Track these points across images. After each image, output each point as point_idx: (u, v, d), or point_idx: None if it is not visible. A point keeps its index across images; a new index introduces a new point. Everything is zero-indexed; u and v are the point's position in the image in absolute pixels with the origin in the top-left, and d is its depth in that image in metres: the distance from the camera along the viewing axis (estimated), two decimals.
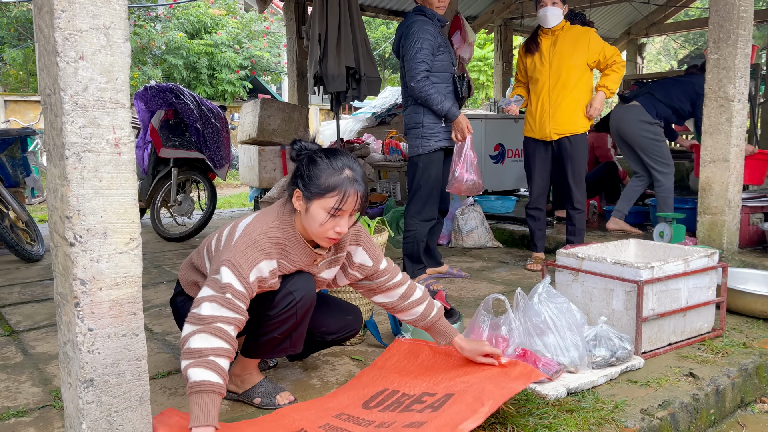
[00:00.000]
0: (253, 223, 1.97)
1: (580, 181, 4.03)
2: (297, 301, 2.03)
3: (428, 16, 3.62)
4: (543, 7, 3.89)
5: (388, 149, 6.63)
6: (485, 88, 18.91)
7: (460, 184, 3.62)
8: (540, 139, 4.05)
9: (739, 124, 3.92)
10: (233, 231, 2.00)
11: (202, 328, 1.75)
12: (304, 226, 1.99)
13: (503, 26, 8.78)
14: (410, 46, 3.55)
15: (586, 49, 3.89)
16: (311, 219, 1.94)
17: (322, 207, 1.92)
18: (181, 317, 2.22)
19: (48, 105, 1.57)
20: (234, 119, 10.61)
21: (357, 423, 1.94)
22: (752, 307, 3.05)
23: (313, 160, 1.97)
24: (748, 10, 3.84)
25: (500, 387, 1.91)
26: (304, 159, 2.00)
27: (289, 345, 2.15)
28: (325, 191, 1.92)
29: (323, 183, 1.92)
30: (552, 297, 2.39)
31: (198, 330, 1.75)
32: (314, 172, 1.94)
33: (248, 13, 14.92)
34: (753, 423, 2.45)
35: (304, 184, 1.95)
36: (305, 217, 1.96)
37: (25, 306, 3.51)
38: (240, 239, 1.91)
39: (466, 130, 3.55)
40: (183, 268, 2.28)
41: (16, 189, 5.16)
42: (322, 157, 1.97)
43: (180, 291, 2.29)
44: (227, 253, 1.88)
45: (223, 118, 5.46)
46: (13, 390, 2.36)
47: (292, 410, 2.09)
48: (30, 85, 12.99)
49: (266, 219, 1.99)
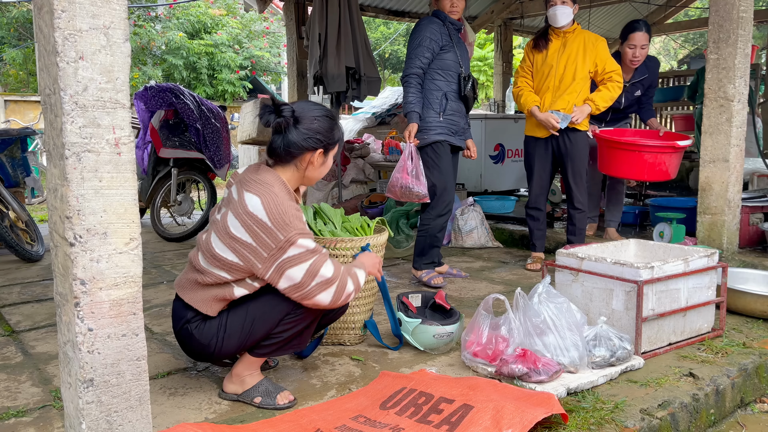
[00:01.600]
0: (271, 204, 2.00)
1: (580, 181, 4.02)
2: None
3: (441, 17, 3.74)
4: (553, 6, 3.85)
5: (388, 149, 6.62)
6: (485, 88, 18.92)
7: (395, 188, 3.63)
8: (540, 136, 4.02)
9: (739, 124, 3.92)
10: (252, 219, 2.00)
11: (342, 278, 2.07)
12: (307, 176, 2.19)
13: (503, 26, 8.77)
14: (412, 42, 3.73)
15: (594, 56, 3.88)
16: (324, 168, 2.22)
17: (332, 155, 2.23)
18: (198, 344, 2.11)
19: (48, 105, 1.57)
20: (234, 119, 10.61)
21: (372, 425, 1.95)
22: (752, 308, 3.05)
23: (318, 119, 2.15)
24: (748, 10, 3.84)
25: (520, 410, 1.89)
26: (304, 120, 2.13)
27: (298, 343, 2.19)
28: (337, 141, 2.22)
29: (336, 135, 2.21)
30: (552, 297, 2.39)
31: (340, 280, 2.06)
32: (326, 129, 2.17)
33: (248, 13, 14.91)
34: (753, 423, 2.45)
35: (324, 143, 2.16)
36: (319, 168, 2.19)
37: (25, 306, 3.51)
38: (275, 214, 1.98)
39: (407, 135, 3.62)
40: (188, 291, 2.14)
41: (16, 189, 5.15)
42: (320, 114, 2.17)
43: (189, 318, 2.12)
44: (284, 232, 1.97)
45: (223, 118, 5.46)
46: (13, 390, 2.36)
47: (311, 411, 2.10)
48: (30, 85, 13.00)
49: (272, 189, 2.05)
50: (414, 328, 2.59)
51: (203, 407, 2.18)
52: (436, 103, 3.67)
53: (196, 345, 2.13)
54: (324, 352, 2.69)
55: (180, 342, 2.19)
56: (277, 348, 2.16)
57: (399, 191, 3.63)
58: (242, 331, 2.09)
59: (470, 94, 3.76)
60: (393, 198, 3.78)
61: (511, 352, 2.29)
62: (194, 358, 2.24)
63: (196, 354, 2.18)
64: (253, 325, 2.10)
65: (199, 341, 2.10)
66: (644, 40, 4.27)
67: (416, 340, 2.62)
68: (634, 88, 4.49)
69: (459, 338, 2.61)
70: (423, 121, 3.66)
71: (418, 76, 3.65)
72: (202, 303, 2.10)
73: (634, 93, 4.51)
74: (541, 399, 2.01)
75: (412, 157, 3.60)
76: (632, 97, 4.54)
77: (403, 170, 3.59)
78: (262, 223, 1.99)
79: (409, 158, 3.60)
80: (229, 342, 2.10)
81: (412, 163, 3.60)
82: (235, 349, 2.13)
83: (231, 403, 2.21)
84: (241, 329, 2.09)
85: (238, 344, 2.12)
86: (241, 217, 2.02)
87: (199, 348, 2.13)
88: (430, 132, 3.67)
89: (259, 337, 2.12)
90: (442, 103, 3.68)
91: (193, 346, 2.14)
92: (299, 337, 2.18)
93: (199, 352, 2.15)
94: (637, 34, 4.25)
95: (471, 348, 2.41)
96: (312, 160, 2.16)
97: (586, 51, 3.87)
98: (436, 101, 3.67)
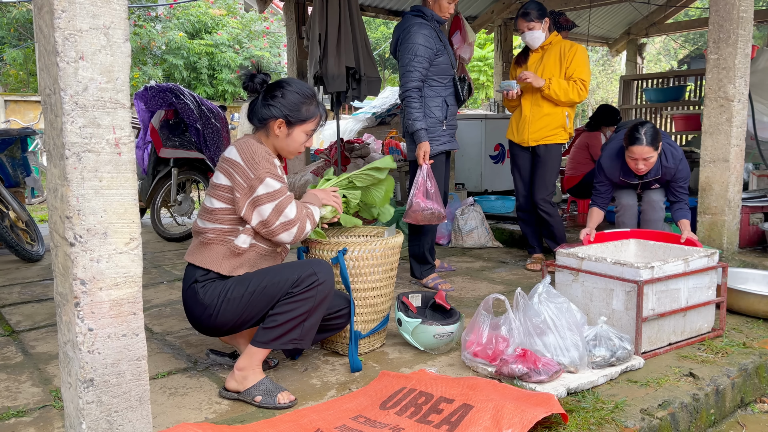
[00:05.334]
0: (243, 145, 2.25)
1: (546, 185, 4.05)
2: (320, 282, 2.19)
3: (426, 17, 3.57)
4: (523, 34, 3.99)
5: (388, 149, 6.63)
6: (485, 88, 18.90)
7: (417, 213, 3.40)
8: (517, 142, 4.15)
9: (739, 124, 3.92)
10: (230, 163, 2.23)
11: (302, 220, 2.26)
12: (277, 147, 2.34)
13: (503, 26, 8.77)
14: (406, 51, 3.51)
15: (567, 64, 3.94)
16: (292, 141, 2.33)
17: (303, 131, 2.34)
18: (200, 305, 2.21)
19: (48, 105, 1.57)
20: (234, 119, 10.61)
21: (372, 425, 1.95)
22: (756, 308, 3.05)
23: (288, 93, 2.29)
24: (748, 10, 3.84)
25: (520, 410, 1.89)
26: (274, 90, 2.30)
27: (300, 336, 2.20)
28: (307, 118, 2.32)
29: (304, 112, 2.31)
30: (552, 297, 2.39)
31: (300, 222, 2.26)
32: (293, 103, 2.29)
33: (248, 13, 14.91)
34: (753, 423, 2.45)
35: (286, 115, 2.28)
36: (285, 140, 2.32)
37: (25, 306, 3.51)
38: (247, 155, 2.21)
39: (422, 157, 3.44)
40: (195, 255, 2.28)
41: (16, 189, 5.15)
42: (293, 90, 2.30)
43: (198, 278, 2.24)
44: (254, 169, 2.19)
45: (223, 118, 5.46)
46: (13, 390, 2.36)
47: (310, 411, 2.10)
48: (30, 85, 12.98)
49: (252, 142, 2.27)
50: (414, 328, 2.58)
51: (203, 407, 2.18)
52: (438, 110, 3.59)
53: (198, 307, 2.23)
54: (324, 352, 2.69)
55: (185, 307, 2.31)
56: (279, 336, 2.16)
57: (421, 216, 3.40)
58: (241, 300, 2.18)
59: (467, 95, 3.75)
60: (413, 223, 3.50)
61: (511, 352, 2.29)
62: (196, 328, 2.32)
63: (196, 319, 2.27)
64: (252, 296, 2.18)
65: (201, 302, 2.21)
66: (646, 153, 3.38)
67: (416, 340, 2.62)
68: (646, 185, 3.79)
69: (459, 338, 2.61)
70: (426, 131, 3.53)
71: (419, 89, 3.50)
72: (211, 261, 2.25)
73: (651, 187, 3.79)
74: (541, 399, 2.00)
75: (427, 178, 3.42)
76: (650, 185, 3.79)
77: (424, 194, 3.39)
78: (235, 162, 2.22)
79: (426, 180, 3.41)
80: (227, 308, 2.19)
81: (432, 184, 3.41)
82: (232, 319, 2.21)
83: (231, 402, 2.21)
84: (241, 298, 2.18)
85: (235, 313, 2.19)
86: (221, 165, 2.26)
87: (200, 311, 2.23)
88: (434, 143, 3.57)
89: (256, 313, 2.20)
90: (444, 109, 3.62)
91: (195, 308, 2.25)
92: (299, 327, 2.18)
93: (199, 315, 2.24)
94: (635, 148, 3.39)
95: (471, 348, 2.41)
96: (275, 130, 2.30)
97: (562, 60, 3.95)
98: (438, 108, 3.60)
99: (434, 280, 3.74)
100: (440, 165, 3.67)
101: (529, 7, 3.95)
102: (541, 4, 4.00)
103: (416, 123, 3.49)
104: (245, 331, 2.38)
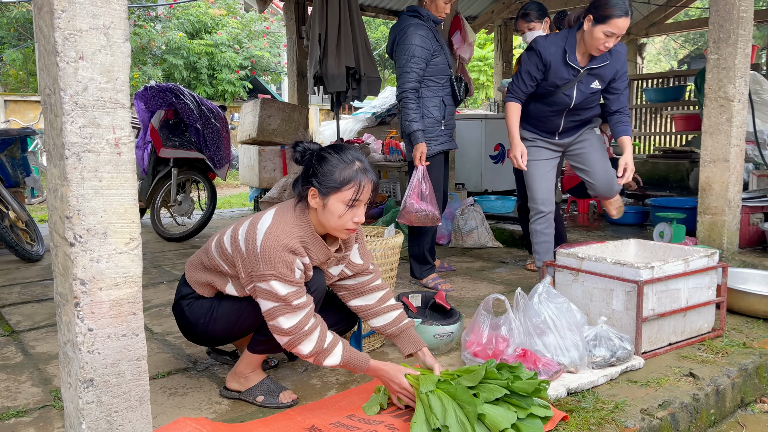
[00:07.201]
0: (274, 227, 1.97)
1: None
2: (311, 291, 2.07)
3: (423, 17, 3.56)
4: (524, 34, 3.96)
5: (388, 149, 6.62)
6: (485, 88, 18.91)
7: (411, 214, 3.40)
8: None
9: (739, 124, 3.92)
10: (252, 234, 1.99)
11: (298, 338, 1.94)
12: (322, 222, 2.04)
13: (503, 26, 8.77)
14: (402, 52, 3.50)
15: None
16: (329, 214, 2.01)
17: (340, 200, 1.99)
18: (187, 322, 2.19)
19: (48, 105, 1.57)
20: (234, 119, 10.61)
21: (367, 423, 1.96)
22: (756, 308, 3.05)
23: (323, 158, 2.03)
24: (748, 10, 3.83)
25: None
26: (312, 158, 2.06)
27: None
28: (342, 185, 1.99)
29: (338, 177, 1.99)
30: (552, 297, 2.39)
31: (295, 338, 1.94)
32: (327, 168, 2.01)
33: (248, 13, 14.91)
34: (753, 423, 2.45)
35: (318, 182, 2.01)
36: (323, 213, 2.02)
37: (25, 306, 3.51)
38: (266, 246, 1.94)
39: (418, 158, 3.43)
40: (191, 270, 2.24)
41: (16, 189, 5.15)
42: (331, 153, 2.03)
43: (185, 294, 2.22)
44: (264, 265, 1.93)
45: (223, 118, 5.45)
46: (13, 390, 2.36)
47: (304, 409, 2.11)
48: (30, 85, 12.99)
49: (286, 220, 2.01)
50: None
51: (203, 407, 2.18)
52: (435, 110, 3.58)
53: (185, 322, 2.21)
54: None
55: (175, 317, 2.27)
56: (274, 347, 2.14)
57: (415, 217, 3.41)
58: (229, 318, 2.15)
59: (464, 96, 3.73)
60: (406, 224, 3.53)
61: (512, 352, 2.29)
62: (186, 337, 2.29)
63: (185, 330, 2.25)
64: (241, 314, 2.13)
65: (188, 318, 2.19)
66: (627, 26, 3.07)
67: None
68: (590, 80, 3.29)
69: (459, 338, 2.61)
70: (424, 131, 3.52)
71: (416, 90, 3.48)
72: (198, 284, 2.20)
73: (590, 85, 3.30)
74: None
75: (422, 179, 3.41)
76: (588, 92, 3.31)
77: (418, 196, 3.38)
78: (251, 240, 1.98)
79: (421, 182, 3.40)
80: (215, 325, 2.16)
81: (426, 185, 3.41)
82: (221, 334, 2.18)
83: (231, 402, 2.21)
84: (229, 316, 2.14)
85: (224, 330, 2.17)
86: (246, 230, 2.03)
87: (187, 325, 2.22)
88: (432, 143, 3.56)
89: (246, 328, 2.15)
90: (441, 109, 3.61)
91: (183, 322, 2.23)
92: None
93: (187, 328, 2.23)
94: (620, 21, 3.00)
95: (471, 348, 2.41)
96: (311, 202, 2.04)
97: None
98: (436, 108, 3.59)
99: (434, 280, 3.73)
100: (439, 165, 3.67)
101: (530, 7, 3.95)
102: (542, 4, 4.00)
103: (413, 124, 3.47)
104: None
